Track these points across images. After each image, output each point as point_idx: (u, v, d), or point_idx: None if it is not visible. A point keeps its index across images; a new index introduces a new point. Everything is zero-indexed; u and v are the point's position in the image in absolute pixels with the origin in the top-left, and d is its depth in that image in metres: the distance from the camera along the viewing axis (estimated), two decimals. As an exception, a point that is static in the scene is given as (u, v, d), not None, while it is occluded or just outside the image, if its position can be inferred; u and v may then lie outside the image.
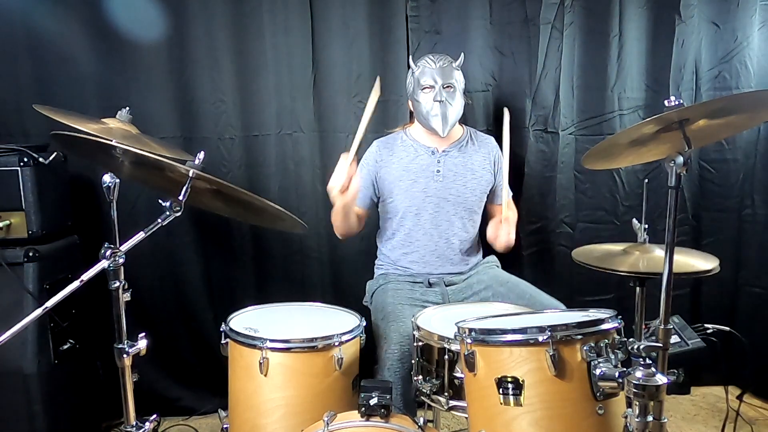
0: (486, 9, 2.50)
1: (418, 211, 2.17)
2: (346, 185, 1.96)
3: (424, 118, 2.13)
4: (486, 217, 2.31)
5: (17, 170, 2.04)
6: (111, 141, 1.42)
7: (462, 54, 2.18)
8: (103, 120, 1.63)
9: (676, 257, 1.36)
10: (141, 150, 1.39)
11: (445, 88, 2.10)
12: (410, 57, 2.42)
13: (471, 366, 1.42)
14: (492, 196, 2.28)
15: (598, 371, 1.31)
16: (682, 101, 1.38)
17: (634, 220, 1.72)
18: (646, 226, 1.70)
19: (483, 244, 2.32)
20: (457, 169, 2.18)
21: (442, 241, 2.19)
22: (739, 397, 2.32)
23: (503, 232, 2.10)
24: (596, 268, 1.64)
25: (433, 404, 1.70)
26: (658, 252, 1.64)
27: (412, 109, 2.23)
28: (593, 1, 2.50)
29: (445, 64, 2.12)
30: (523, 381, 1.34)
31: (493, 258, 2.28)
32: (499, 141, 2.24)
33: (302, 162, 2.55)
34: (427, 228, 2.18)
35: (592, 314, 1.47)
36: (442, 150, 2.19)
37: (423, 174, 2.17)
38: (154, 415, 1.54)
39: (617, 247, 1.75)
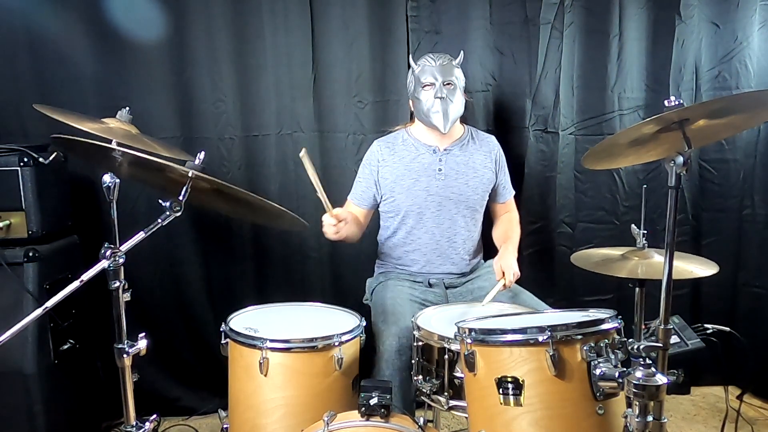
0: (486, 9, 2.50)
1: (420, 210, 2.17)
2: (341, 229, 1.95)
3: (425, 115, 2.13)
4: (489, 218, 2.32)
5: (17, 170, 2.04)
6: (111, 143, 1.42)
7: (462, 52, 2.18)
8: (103, 120, 1.62)
9: (676, 263, 1.36)
10: (140, 152, 1.39)
11: (446, 86, 2.10)
12: (410, 57, 2.42)
13: (471, 366, 1.42)
14: (494, 194, 2.28)
15: (598, 371, 1.31)
16: (682, 101, 1.37)
17: (633, 226, 1.72)
18: (645, 231, 1.70)
19: (484, 247, 2.32)
20: (458, 168, 2.18)
21: (444, 239, 2.19)
22: (739, 397, 2.32)
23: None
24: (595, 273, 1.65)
25: (433, 404, 1.70)
26: (657, 258, 1.64)
27: (412, 108, 2.22)
28: (593, 1, 2.51)
29: (445, 62, 2.12)
30: (523, 381, 1.34)
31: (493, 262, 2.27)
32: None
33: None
34: (429, 226, 2.18)
35: (592, 314, 1.47)
36: (443, 149, 2.19)
37: (425, 173, 2.17)
38: (154, 415, 1.54)
39: (616, 252, 1.75)
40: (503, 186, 2.29)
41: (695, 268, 1.65)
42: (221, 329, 1.79)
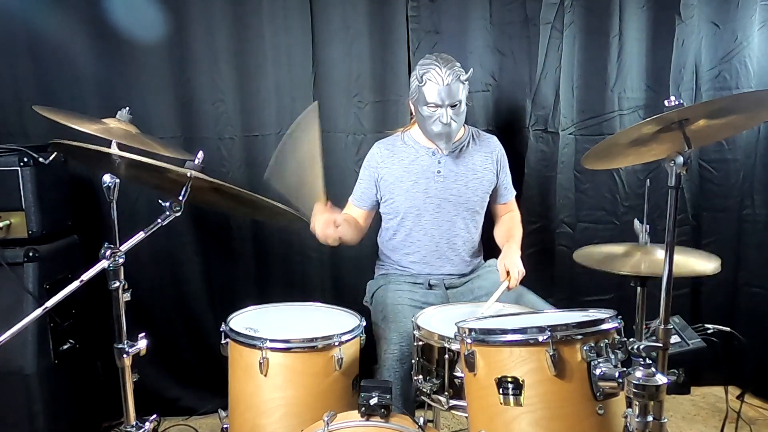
0: (486, 9, 2.50)
1: (419, 212, 2.17)
2: (333, 226, 1.90)
3: (427, 131, 2.11)
4: (490, 220, 2.31)
5: (17, 170, 2.04)
6: (111, 144, 1.42)
7: (471, 69, 2.10)
8: (103, 120, 1.62)
9: (678, 258, 1.36)
10: (138, 157, 1.38)
11: (451, 107, 2.03)
12: (410, 57, 2.41)
13: (471, 366, 1.42)
14: (495, 195, 2.27)
15: (598, 371, 1.31)
16: (682, 101, 1.37)
17: (636, 221, 1.72)
18: (648, 227, 1.70)
19: (484, 247, 2.32)
20: (458, 170, 2.18)
21: (443, 241, 2.18)
22: (739, 397, 2.32)
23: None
24: (597, 269, 1.64)
25: (433, 404, 1.70)
26: (660, 253, 1.63)
27: (413, 111, 2.20)
28: (593, 1, 2.51)
29: (452, 81, 2.00)
30: (523, 381, 1.34)
31: (495, 262, 2.27)
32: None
33: (302, 162, 2.55)
34: (428, 228, 2.17)
35: (592, 314, 1.47)
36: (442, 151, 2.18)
37: (424, 175, 2.17)
38: (154, 415, 1.54)
39: (618, 248, 1.75)
40: (504, 186, 2.29)
41: (698, 263, 1.65)
42: (221, 329, 1.79)
